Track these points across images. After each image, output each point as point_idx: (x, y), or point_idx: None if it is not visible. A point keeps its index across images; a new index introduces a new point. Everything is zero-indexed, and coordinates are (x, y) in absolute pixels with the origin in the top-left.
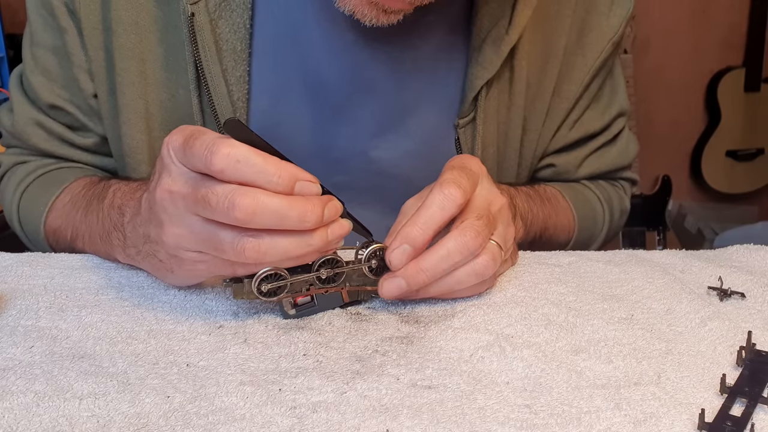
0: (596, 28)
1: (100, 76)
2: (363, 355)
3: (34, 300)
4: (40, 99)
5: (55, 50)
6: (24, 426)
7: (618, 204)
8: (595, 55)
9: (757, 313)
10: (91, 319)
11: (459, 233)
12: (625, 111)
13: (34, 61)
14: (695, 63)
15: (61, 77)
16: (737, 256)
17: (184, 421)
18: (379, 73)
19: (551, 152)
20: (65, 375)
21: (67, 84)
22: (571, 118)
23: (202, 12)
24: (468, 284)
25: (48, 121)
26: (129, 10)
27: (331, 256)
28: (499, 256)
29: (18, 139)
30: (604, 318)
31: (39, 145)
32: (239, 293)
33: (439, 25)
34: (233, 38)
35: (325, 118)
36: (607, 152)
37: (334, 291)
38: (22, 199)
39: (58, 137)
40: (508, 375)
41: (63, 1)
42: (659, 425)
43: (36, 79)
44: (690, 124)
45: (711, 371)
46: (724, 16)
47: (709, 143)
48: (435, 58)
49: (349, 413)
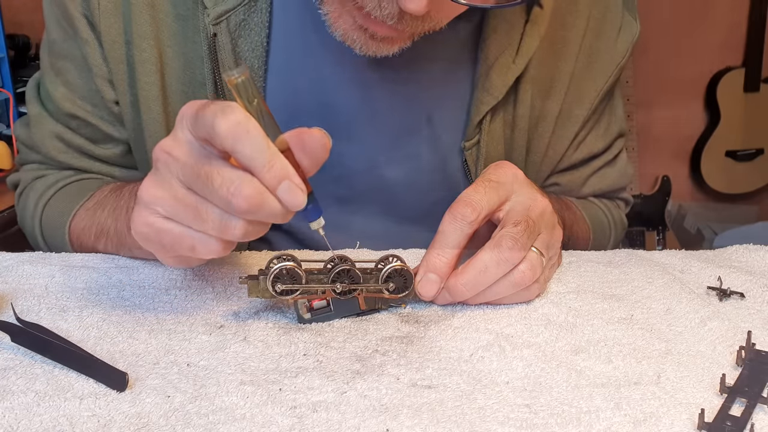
0: (605, 54)
1: (122, 88)
2: (363, 355)
3: (36, 300)
4: (61, 110)
5: (75, 61)
6: (24, 425)
7: (619, 222)
8: (603, 80)
9: (756, 313)
10: (92, 318)
11: (494, 245)
12: (624, 131)
13: (54, 71)
14: (695, 63)
15: (82, 88)
16: (737, 256)
17: (184, 421)
18: (387, 94)
19: (556, 171)
20: (66, 375)
21: (89, 95)
22: (578, 138)
23: (224, 32)
24: (507, 294)
25: (68, 134)
26: (150, 24)
27: (348, 267)
28: (539, 264)
29: (35, 151)
30: (603, 318)
31: (57, 158)
32: (254, 291)
33: (448, 49)
34: (251, 56)
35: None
36: (608, 172)
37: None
38: (44, 212)
39: (77, 149)
40: (508, 375)
41: (83, 14)
42: (659, 425)
43: (57, 90)
44: (690, 124)
45: (710, 371)
46: (724, 16)
47: (708, 143)
48: (443, 80)
49: (349, 413)
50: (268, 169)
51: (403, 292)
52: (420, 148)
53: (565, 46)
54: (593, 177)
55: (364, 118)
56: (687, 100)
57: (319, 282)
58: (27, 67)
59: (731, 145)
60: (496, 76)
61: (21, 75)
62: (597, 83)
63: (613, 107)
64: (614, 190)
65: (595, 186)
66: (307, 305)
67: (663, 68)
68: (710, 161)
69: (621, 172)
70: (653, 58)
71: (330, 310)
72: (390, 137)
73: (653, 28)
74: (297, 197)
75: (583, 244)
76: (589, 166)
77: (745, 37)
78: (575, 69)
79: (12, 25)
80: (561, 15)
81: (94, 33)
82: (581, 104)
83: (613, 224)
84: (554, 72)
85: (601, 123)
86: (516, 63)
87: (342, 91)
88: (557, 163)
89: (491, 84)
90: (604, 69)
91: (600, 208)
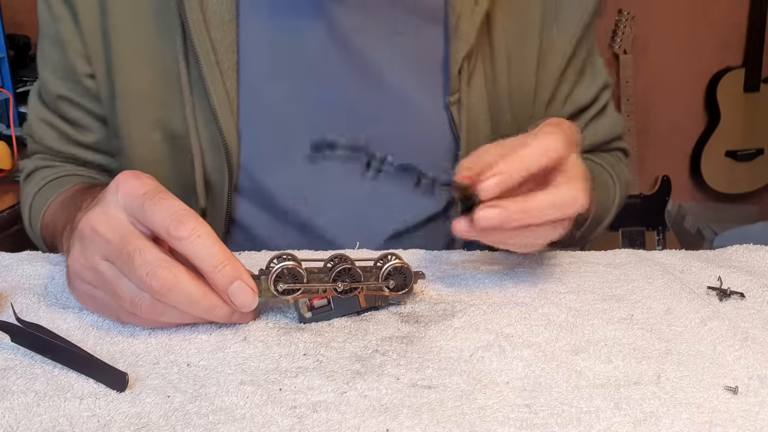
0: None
1: (98, 58)
2: (363, 355)
3: (35, 299)
4: (51, 92)
5: (54, 41)
6: (24, 426)
7: (623, 176)
8: (574, 26)
9: (756, 313)
10: (92, 318)
11: (572, 187)
12: (608, 83)
13: (41, 54)
14: (695, 63)
15: (62, 68)
16: (737, 256)
17: (184, 421)
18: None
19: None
20: (66, 375)
21: (69, 74)
22: (562, 92)
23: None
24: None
25: (55, 120)
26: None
27: (349, 266)
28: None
29: (33, 140)
30: (603, 318)
31: (51, 145)
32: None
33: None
34: (220, 9)
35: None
36: (599, 124)
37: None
38: (34, 201)
39: (65, 135)
40: (508, 375)
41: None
42: (659, 425)
43: (43, 72)
44: (689, 125)
45: (711, 371)
46: (724, 16)
47: (708, 143)
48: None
49: (349, 413)
50: (221, 269)
51: (402, 289)
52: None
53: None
54: (585, 130)
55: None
56: (687, 100)
57: (319, 281)
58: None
59: (731, 145)
60: (465, 23)
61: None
62: (568, 29)
63: (593, 59)
64: (609, 141)
65: (589, 139)
66: (308, 304)
67: (663, 68)
68: (710, 161)
69: (613, 122)
70: (653, 58)
71: (331, 309)
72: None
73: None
74: (247, 297)
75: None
76: (579, 119)
77: (745, 37)
78: (545, 15)
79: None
80: None
81: (68, 8)
82: (554, 53)
83: (618, 181)
84: (524, 19)
85: (584, 76)
86: (479, 3)
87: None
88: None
89: (461, 31)
90: (574, 14)
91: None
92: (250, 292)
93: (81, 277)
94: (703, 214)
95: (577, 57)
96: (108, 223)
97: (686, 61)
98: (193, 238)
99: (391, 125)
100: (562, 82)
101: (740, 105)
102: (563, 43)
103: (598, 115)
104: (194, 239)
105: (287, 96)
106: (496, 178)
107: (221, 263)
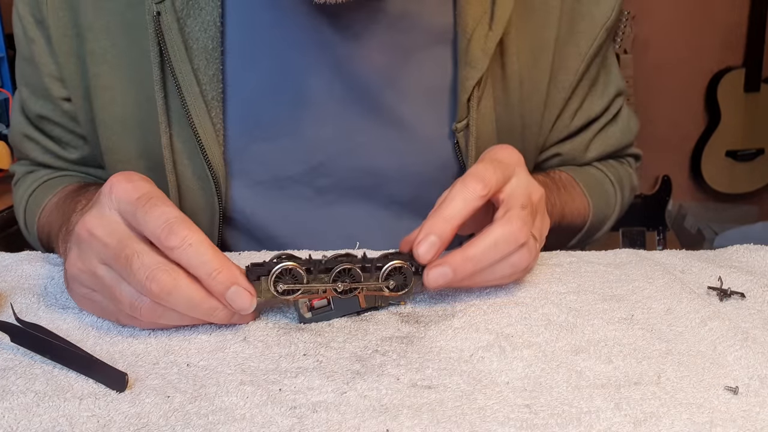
0: (587, 16)
1: (74, 82)
2: (363, 355)
3: (35, 299)
4: (31, 110)
5: (29, 62)
6: (24, 426)
7: (627, 182)
8: (588, 44)
9: (756, 313)
10: (92, 318)
11: (506, 222)
12: (622, 90)
13: (19, 71)
14: (695, 63)
15: (39, 88)
16: (737, 256)
17: (184, 421)
18: (362, 70)
19: (555, 142)
20: (65, 375)
21: (45, 95)
22: (571, 107)
23: (169, 10)
24: (503, 275)
25: (37, 135)
26: (99, 15)
27: (349, 266)
28: (535, 249)
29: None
30: (604, 318)
31: (37, 159)
32: (256, 292)
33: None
34: (203, 36)
35: (307, 118)
36: (610, 132)
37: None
38: (28, 204)
39: (50, 151)
40: (508, 375)
41: (30, 12)
42: (659, 425)
43: (23, 90)
44: (690, 124)
45: (711, 371)
46: (724, 16)
47: (708, 143)
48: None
49: (349, 413)
50: (216, 275)
51: (402, 289)
52: (405, 130)
53: (546, 11)
54: (596, 140)
55: (338, 96)
56: (687, 100)
57: (319, 281)
58: None
59: (731, 145)
60: (476, 48)
61: None
62: (580, 47)
63: (608, 68)
64: (620, 149)
65: (600, 149)
66: (308, 304)
67: (663, 68)
68: (710, 161)
69: (624, 129)
70: (653, 58)
71: (331, 309)
72: (369, 119)
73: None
74: (244, 301)
75: (579, 221)
76: (590, 129)
77: (745, 37)
78: (559, 34)
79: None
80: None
81: (42, 30)
82: (566, 70)
83: (619, 191)
84: (538, 40)
85: (596, 87)
86: (493, 30)
87: (311, 70)
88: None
89: (472, 56)
90: (588, 32)
91: (605, 175)
92: (248, 295)
93: (79, 281)
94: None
95: (590, 72)
96: (105, 227)
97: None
98: (185, 247)
99: (392, 155)
100: (573, 97)
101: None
102: (576, 60)
103: (609, 123)
104: (186, 248)
105: (281, 126)
106: (425, 244)
107: (215, 270)
